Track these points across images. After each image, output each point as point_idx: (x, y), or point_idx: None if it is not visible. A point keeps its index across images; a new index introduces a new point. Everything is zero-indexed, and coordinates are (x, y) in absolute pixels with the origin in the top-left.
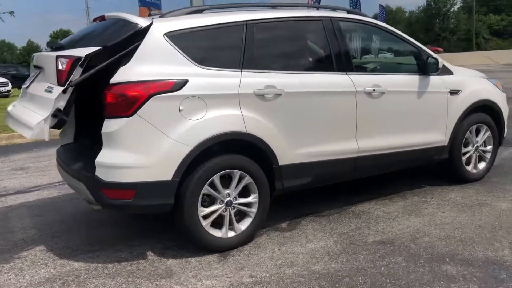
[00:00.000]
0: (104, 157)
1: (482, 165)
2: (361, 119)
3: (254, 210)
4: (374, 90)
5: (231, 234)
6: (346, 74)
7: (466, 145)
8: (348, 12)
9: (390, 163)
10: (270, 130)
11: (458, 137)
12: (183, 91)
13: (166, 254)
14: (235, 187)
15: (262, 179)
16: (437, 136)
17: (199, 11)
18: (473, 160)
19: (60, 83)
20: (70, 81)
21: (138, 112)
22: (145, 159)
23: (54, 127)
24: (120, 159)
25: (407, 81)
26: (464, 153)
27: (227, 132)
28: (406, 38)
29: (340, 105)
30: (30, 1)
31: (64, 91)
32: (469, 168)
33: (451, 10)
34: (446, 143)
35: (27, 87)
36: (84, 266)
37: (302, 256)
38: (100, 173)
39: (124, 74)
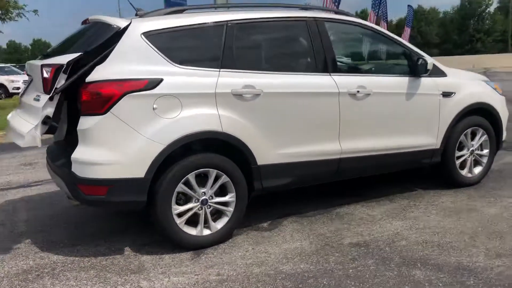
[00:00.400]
0: (79, 153)
1: (478, 170)
2: (344, 121)
3: (231, 209)
4: (358, 91)
5: (207, 232)
6: (330, 75)
7: (460, 149)
8: (336, 13)
9: (377, 165)
10: (248, 130)
11: (452, 140)
12: (157, 90)
13: (142, 251)
14: (211, 186)
15: (239, 178)
16: (428, 138)
17: (180, 11)
18: (468, 164)
19: (46, 91)
20: (55, 88)
21: (111, 110)
22: (117, 156)
23: (47, 132)
24: (93, 156)
25: (395, 82)
26: (459, 157)
27: (201, 131)
28: (395, 39)
29: (321, 106)
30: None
31: (50, 99)
32: (464, 172)
33: (487, 11)
34: (438, 146)
35: (21, 96)
36: (61, 259)
37: (274, 256)
38: (75, 169)
39: (99, 73)
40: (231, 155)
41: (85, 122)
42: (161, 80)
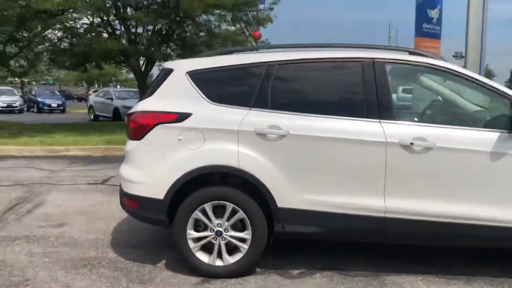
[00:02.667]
0: (123, 170)
1: None
2: (393, 176)
3: (246, 246)
4: (412, 143)
5: (219, 263)
6: (379, 122)
7: None
8: (411, 53)
9: (442, 235)
10: (268, 170)
11: None
12: (184, 123)
13: (162, 262)
14: (227, 219)
15: (257, 217)
16: None
17: (230, 52)
18: None
19: None
20: None
21: (145, 137)
22: (146, 177)
23: None
24: (130, 174)
25: (475, 138)
26: None
27: (217, 164)
28: (483, 82)
29: (360, 155)
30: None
31: None
32: None
33: None
34: None
35: None
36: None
37: None
38: (122, 183)
39: (142, 105)
40: (250, 192)
41: (129, 145)
42: (190, 114)
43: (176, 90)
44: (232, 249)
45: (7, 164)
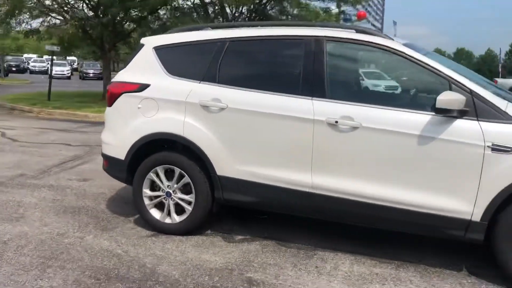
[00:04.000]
0: (102, 133)
1: None
2: (319, 153)
3: (190, 208)
4: (337, 122)
5: (168, 221)
6: (311, 99)
7: None
8: (358, 31)
9: (368, 217)
10: (208, 140)
11: (506, 217)
12: (143, 93)
13: (134, 217)
14: (176, 182)
15: (200, 182)
16: (456, 203)
17: (201, 27)
18: None
19: None
20: None
21: (114, 104)
22: (113, 139)
23: None
24: (104, 137)
25: (403, 119)
26: None
27: (164, 132)
28: (424, 63)
29: (290, 131)
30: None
31: None
32: None
33: None
34: (477, 218)
35: None
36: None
37: (179, 259)
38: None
39: (116, 77)
40: (195, 160)
41: (106, 111)
42: (149, 85)
43: (143, 63)
44: (181, 209)
45: (86, 128)
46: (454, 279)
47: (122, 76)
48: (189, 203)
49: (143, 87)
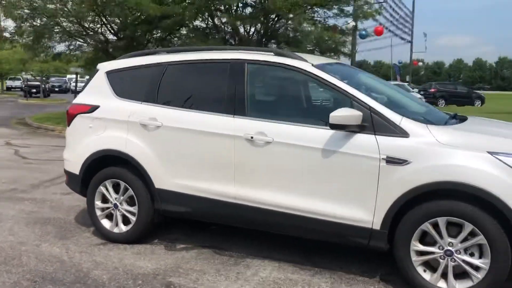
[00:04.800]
0: (64, 151)
1: (467, 284)
2: (239, 166)
3: (134, 218)
4: (252, 137)
5: (116, 230)
6: (233, 117)
7: (425, 243)
8: (277, 54)
9: (284, 225)
10: (147, 155)
11: (405, 225)
12: (93, 114)
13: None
14: (122, 195)
15: (141, 195)
16: (358, 213)
17: (154, 52)
18: (440, 271)
19: None
20: None
21: (71, 124)
22: (70, 156)
23: None
24: (64, 153)
25: (309, 134)
26: (422, 253)
27: (109, 148)
28: (329, 82)
29: (215, 146)
30: None
31: None
32: (431, 278)
33: None
34: (377, 227)
35: None
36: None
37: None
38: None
39: (74, 100)
40: (137, 174)
41: (66, 130)
42: (98, 106)
43: (97, 86)
44: (128, 220)
45: None
46: (361, 285)
47: (79, 98)
48: (134, 214)
49: (94, 108)
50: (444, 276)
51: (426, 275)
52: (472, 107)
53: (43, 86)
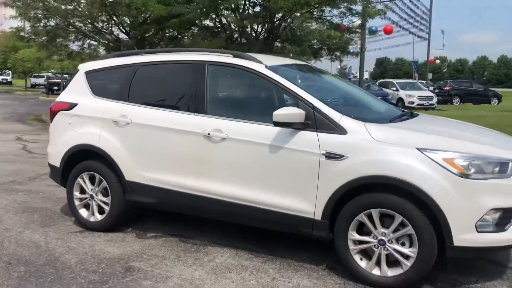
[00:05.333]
0: (48, 146)
1: (398, 271)
2: (198, 160)
3: (108, 208)
4: (209, 134)
5: (92, 219)
6: (194, 114)
7: (361, 233)
8: (235, 56)
9: (239, 215)
10: (118, 150)
11: (343, 216)
12: (72, 111)
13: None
14: (97, 186)
15: (114, 186)
16: (301, 204)
17: (134, 53)
18: (375, 259)
19: None
20: None
21: (53, 120)
22: (52, 150)
23: None
24: (48, 148)
25: (262, 131)
26: (361, 242)
27: (84, 143)
28: (284, 86)
29: (177, 142)
30: None
31: None
32: (366, 266)
33: None
34: (318, 217)
35: None
36: None
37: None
38: None
39: (58, 97)
40: (110, 167)
41: (50, 126)
42: (76, 104)
43: (76, 85)
44: (102, 209)
45: None
46: (306, 272)
47: (61, 96)
48: (107, 204)
49: (72, 106)
50: (378, 263)
51: (362, 263)
52: (489, 105)
53: (63, 83)
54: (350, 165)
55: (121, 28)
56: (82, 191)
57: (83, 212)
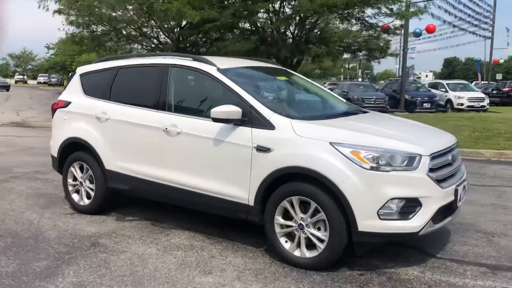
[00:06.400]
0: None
1: (314, 253)
2: (159, 152)
3: (93, 194)
4: (166, 128)
5: (81, 203)
6: (157, 111)
7: (287, 218)
8: (194, 59)
9: (192, 201)
10: (100, 143)
11: (271, 203)
12: (67, 109)
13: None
14: (85, 174)
15: (97, 174)
16: (238, 191)
17: (111, 59)
18: (296, 242)
19: None
20: None
21: (54, 116)
22: (53, 142)
23: None
24: (50, 141)
25: (208, 126)
26: (283, 226)
27: (74, 136)
28: (228, 86)
29: (146, 136)
30: None
31: None
32: (289, 248)
33: None
34: (252, 203)
35: None
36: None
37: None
38: None
39: (59, 96)
40: (95, 158)
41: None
42: (70, 102)
43: (72, 86)
44: (90, 195)
45: None
46: (243, 253)
47: (61, 96)
48: (93, 190)
49: (67, 104)
50: (299, 246)
51: (287, 245)
52: None
53: None
54: (275, 157)
55: (161, 32)
56: (74, 178)
57: (75, 197)
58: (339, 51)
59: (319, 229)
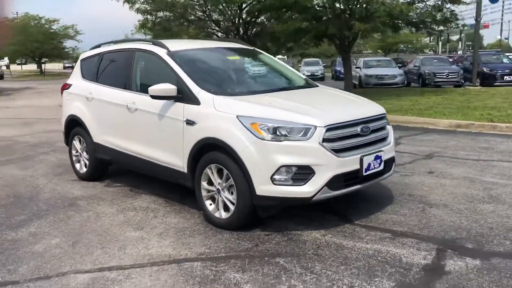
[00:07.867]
0: None
1: (228, 214)
2: (125, 126)
3: (88, 163)
4: (127, 105)
5: (81, 171)
6: (124, 91)
7: (211, 184)
8: (153, 44)
9: (150, 170)
10: (88, 119)
11: (198, 170)
12: (68, 90)
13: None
14: (82, 146)
15: (89, 146)
16: (176, 160)
17: (101, 45)
18: (215, 204)
19: None
20: None
21: (62, 97)
22: (62, 120)
23: None
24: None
25: (156, 103)
26: (207, 190)
27: (71, 114)
28: (170, 67)
29: (116, 113)
30: None
31: None
32: (212, 209)
33: None
34: (186, 170)
35: None
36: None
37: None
38: None
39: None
40: (87, 132)
41: None
42: (71, 85)
43: (75, 70)
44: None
45: None
46: (183, 215)
47: (69, 79)
48: (87, 159)
49: (69, 86)
50: (218, 208)
51: (211, 207)
52: None
53: None
54: (198, 129)
55: (222, 19)
56: (76, 150)
57: (77, 166)
58: (396, 25)
59: (232, 193)
